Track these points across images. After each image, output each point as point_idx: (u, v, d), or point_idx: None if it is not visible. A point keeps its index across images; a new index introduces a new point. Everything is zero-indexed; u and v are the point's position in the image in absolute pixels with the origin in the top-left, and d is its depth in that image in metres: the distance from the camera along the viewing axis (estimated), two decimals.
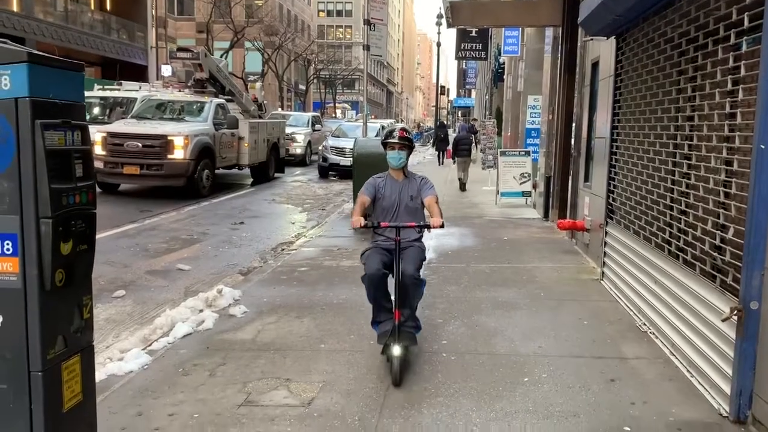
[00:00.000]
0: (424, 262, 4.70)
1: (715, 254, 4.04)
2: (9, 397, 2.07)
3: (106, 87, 17.84)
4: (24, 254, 2.03)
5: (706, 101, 4.30)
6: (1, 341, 2.06)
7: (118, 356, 4.66)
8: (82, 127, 2.23)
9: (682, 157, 4.73)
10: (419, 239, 4.75)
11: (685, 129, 4.71)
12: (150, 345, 4.90)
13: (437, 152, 26.33)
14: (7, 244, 2.04)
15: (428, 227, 4.50)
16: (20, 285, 2.04)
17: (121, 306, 6.14)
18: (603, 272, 6.80)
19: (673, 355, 4.63)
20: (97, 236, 2.49)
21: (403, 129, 4.84)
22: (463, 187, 16.17)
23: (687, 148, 4.64)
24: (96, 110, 15.66)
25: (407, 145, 4.73)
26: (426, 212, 4.77)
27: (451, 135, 26.33)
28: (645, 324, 5.30)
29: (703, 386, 4.09)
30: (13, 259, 2.04)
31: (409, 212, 4.71)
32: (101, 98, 16.33)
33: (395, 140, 4.69)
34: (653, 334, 5.09)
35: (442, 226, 4.44)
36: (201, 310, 5.66)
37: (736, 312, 3.57)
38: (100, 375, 4.27)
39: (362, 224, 4.42)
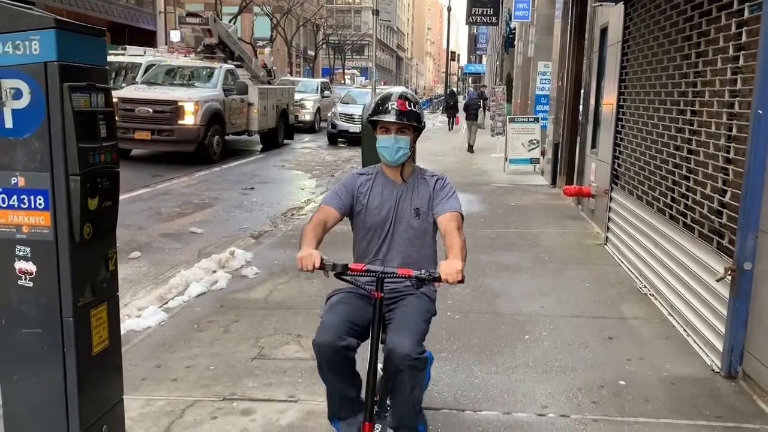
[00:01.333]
0: (431, 321, 2.80)
1: (713, 217, 4.15)
2: (44, 340, 2.25)
3: (110, 52, 17.82)
4: (55, 209, 2.18)
5: (709, 67, 4.37)
6: (36, 289, 2.23)
7: (136, 313, 4.85)
8: (106, 89, 2.36)
9: (685, 122, 4.81)
10: (422, 285, 2.56)
11: (688, 95, 4.78)
12: (166, 303, 5.10)
13: (448, 118, 27.21)
14: (40, 199, 2.19)
15: (436, 279, 2.44)
16: (52, 237, 2.20)
17: (137, 267, 6.34)
18: (607, 237, 6.93)
19: (671, 315, 4.78)
20: None
21: (403, 97, 2.76)
22: (470, 148, 17.56)
23: (690, 113, 4.72)
24: None
25: (412, 125, 2.77)
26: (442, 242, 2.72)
27: (461, 102, 27.10)
28: (645, 286, 5.45)
29: (697, 344, 4.25)
30: (45, 213, 2.19)
31: (412, 239, 2.83)
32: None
33: (391, 118, 2.72)
34: (653, 295, 5.24)
35: (461, 281, 2.42)
36: (214, 271, 5.85)
37: (730, 272, 3.71)
38: None
39: (314, 266, 2.49)
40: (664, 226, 5.09)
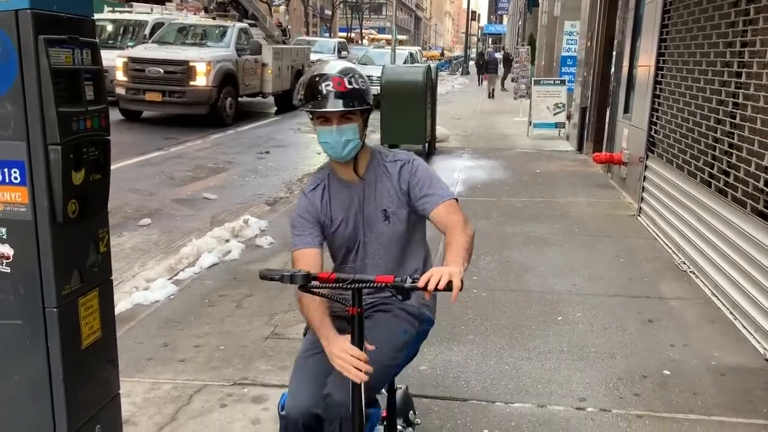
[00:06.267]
0: (415, 346, 2.25)
1: None
2: (25, 334, 1.97)
3: (116, 9, 17.34)
4: (33, 184, 1.88)
5: None
6: (14, 276, 1.94)
7: (144, 285, 4.62)
8: (92, 44, 2.02)
9: (739, 86, 4.38)
10: (406, 295, 1.88)
11: (744, 55, 4.34)
12: (176, 275, 4.85)
13: (478, 75, 31.30)
14: (15, 172, 1.88)
15: (412, 288, 1.82)
16: (30, 216, 1.90)
17: (147, 234, 6.09)
18: (640, 208, 6.54)
19: (715, 296, 4.43)
20: (122, 164, 2.36)
21: (341, 73, 2.09)
22: (492, 95, 22.51)
23: (745, 76, 4.29)
24: (106, 33, 15.33)
25: (358, 111, 2.09)
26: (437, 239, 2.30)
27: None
28: (684, 263, 5.09)
29: (747, 330, 3.90)
30: (22, 189, 1.89)
31: (388, 245, 2.23)
32: (112, 21, 15.94)
33: (329, 106, 2.04)
34: (693, 273, 4.88)
35: (448, 288, 1.77)
36: (227, 240, 5.58)
37: None
38: (126, 304, 4.25)
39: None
40: (709, 199, 4.71)
